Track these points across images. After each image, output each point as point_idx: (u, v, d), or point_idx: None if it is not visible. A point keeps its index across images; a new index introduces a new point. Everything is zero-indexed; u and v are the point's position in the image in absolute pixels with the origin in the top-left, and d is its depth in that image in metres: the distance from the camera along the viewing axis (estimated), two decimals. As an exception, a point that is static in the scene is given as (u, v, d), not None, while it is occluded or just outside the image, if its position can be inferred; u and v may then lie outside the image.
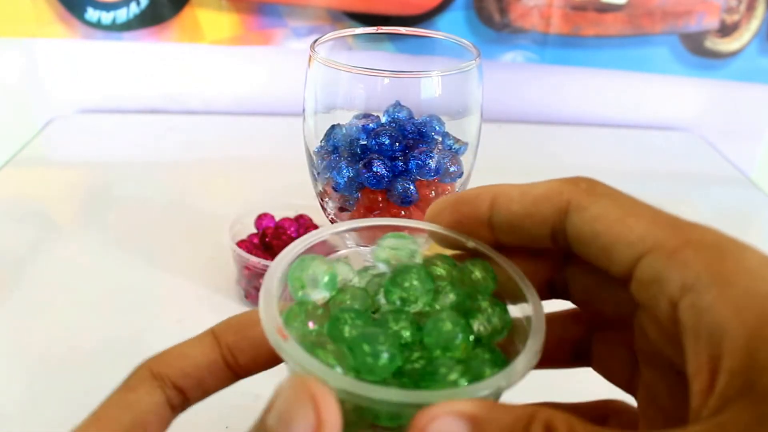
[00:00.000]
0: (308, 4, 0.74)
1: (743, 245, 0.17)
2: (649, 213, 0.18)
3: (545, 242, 0.20)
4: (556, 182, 0.20)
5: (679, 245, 0.17)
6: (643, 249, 0.17)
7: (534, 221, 0.20)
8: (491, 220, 0.21)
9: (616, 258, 0.18)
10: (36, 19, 0.72)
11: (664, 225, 0.17)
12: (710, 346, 0.15)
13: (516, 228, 0.20)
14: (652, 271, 0.17)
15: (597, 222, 0.18)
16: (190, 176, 0.69)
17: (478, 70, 0.37)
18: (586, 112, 0.86)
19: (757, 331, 0.15)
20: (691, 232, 0.17)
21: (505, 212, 0.20)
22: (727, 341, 0.15)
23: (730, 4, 0.77)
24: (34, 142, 0.74)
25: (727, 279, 0.16)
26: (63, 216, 0.62)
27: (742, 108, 0.86)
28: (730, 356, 0.15)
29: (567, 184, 0.19)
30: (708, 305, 0.15)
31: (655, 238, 0.17)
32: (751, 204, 0.72)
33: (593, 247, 0.18)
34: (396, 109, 0.38)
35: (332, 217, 0.39)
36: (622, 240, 0.18)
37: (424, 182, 0.36)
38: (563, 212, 0.19)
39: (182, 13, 0.74)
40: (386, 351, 0.17)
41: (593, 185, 0.19)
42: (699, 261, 0.16)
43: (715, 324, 0.15)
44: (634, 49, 0.78)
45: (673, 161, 0.80)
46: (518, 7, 0.75)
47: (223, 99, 0.82)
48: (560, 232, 0.19)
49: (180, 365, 0.20)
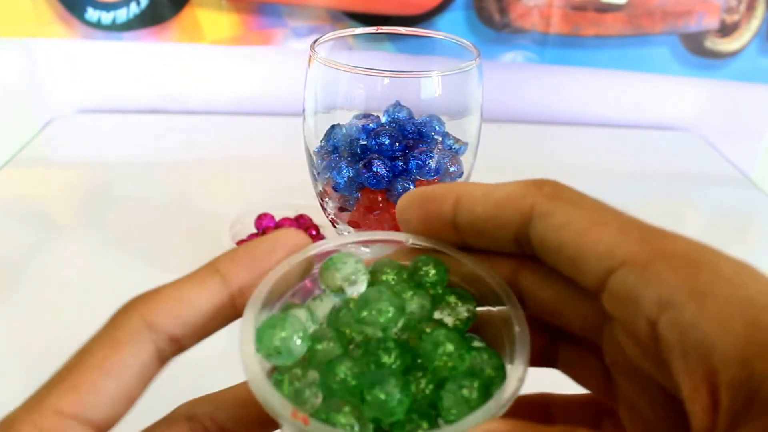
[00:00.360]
0: (308, 4, 0.74)
1: (716, 253, 0.16)
2: (616, 221, 0.17)
3: (510, 246, 0.19)
4: (519, 185, 0.19)
5: (651, 258, 0.16)
6: (613, 263, 0.16)
7: (496, 225, 0.19)
8: (455, 221, 0.20)
9: (584, 270, 0.17)
10: (36, 19, 0.72)
11: (633, 235, 0.17)
12: (702, 362, 0.15)
13: (479, 230, 0.19)
14: (625, 287, 0.16)
15: (562, 231, 0.17)
16: (190, 176, 0.69)
17: (478, 70, 0.37)
18: (586, 112, 0.86)
19: (747, 338, 0.14)
20: (661, 243, 0.16)
21: (468, 214, 0.19)
22: (718, 355, 0.14)
23: (730, 4, 0.77)
24: (34, 142, 0.74)
25: (705, 291, 0.15)
26: (63, 216, 0.62)
27: (742, 108, 0.86)
28: (726, 369, 0.14)
29: (530, 187, 0.18)
30: (691, 320, 0.15)
31: (626, 251, 0.16)
32: (751, 204, 0.72)
33: (560, 257, 0.18)
34: (396, 109, 0.38)
35: (332, 217, 0.39)
36: (589, 252, 0.17)
37: (424, 182, 0.36)
38: (527, 217, 0.18)
39: (182, 13, 0.74)
40: (395, 389, 0.17)
41: (557, 189, 0.18)
42: (673, 274, 0.15)
43: (702, 339, 0.15)
44: (634, 49, 0.78)
45: (673, 161, 0.80)
46: (518, 7, 0.75)
47: (223, 99, 0.82)
48: (524, 238, 0.19)
49: (180, 313, 0.18)
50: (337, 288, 0.20)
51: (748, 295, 0.15)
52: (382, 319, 0.19)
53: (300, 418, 0.16)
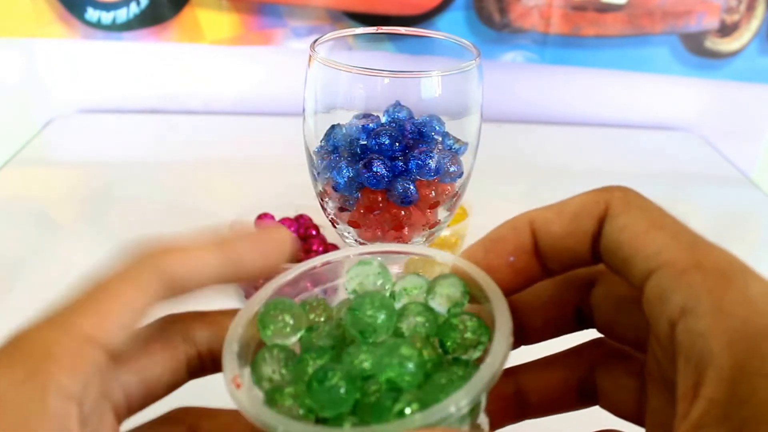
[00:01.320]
0: (308, 4, 0.74)
1: (751, 273, 0.17)
2: (672, 228, 0.18)
3: (587, 258, 0.20)
4: (591, 193, 0.20)
5: (689, 265, 0.17)
6: (655, 263, 0.17)
7: (576, 238, 0.19)
8: (537, 248, 0.20)
9: (632, 270, 0.18)
10: (36, 19, 0.72)
11: (682, 242, 0.17)
12: (697, 372, 0.15)
13: (560, 250, 0.20)
14: (660, 288, 0.17)
15: (623, 232, 0.18)
16: (190, 176, 0.69)
17: (478, 70, 0.37)
18: (586, 112, 0.86)
19: (742, 365, 0.15)
20: (705, 254, 0.17)
21: (546, 235, 0.20)
22: (712, 370, 0.15)
23: (730, 4, 0.77)
24: (34, 142, 0.74)
25: (726, 307, 0.16)
26: (63, 216, 0.62)
27: (742, 108, 0.86)
28: (712, 385, 0.15)
29: (603, 193, 0.19)
30: (703, 331, 0.15)
31: (669, 255, 0.17)
32: (751, 204, 0.72)
33: (616, 257, 0.18)
34: (396, 109, 0.38)
35: (332, 217, 0.39)
36: (641, 252, 0.18)
37: (424, 182, 0.36)
38: (601, 221, 0.19)
39: (182, 13, 0.74)
40: (339, 386, 0.17)
41: (627, 193, 0.19)
42: (703, 284, 0.16)
43: (705, 351, 0.15)
44: (634, 49, 0.78)
45: (673, 161, 0.80)
46: (518, 7, 0.75)
47: (223, 99, 0.82)
48: (598, 244, 0.19)
49: (190, 269, 0.19)
50: (354, 289, 0.21)
51: (764, 322, 0.15)
52: (362, 324, 0.19)
53: (234, 383, 0.18)
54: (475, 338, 0.19)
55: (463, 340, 0.19)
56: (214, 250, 0.20)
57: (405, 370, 0.18)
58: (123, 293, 0.18)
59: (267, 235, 0.21)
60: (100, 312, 0.17)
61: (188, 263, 0.19)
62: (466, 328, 0.20)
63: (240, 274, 0.20)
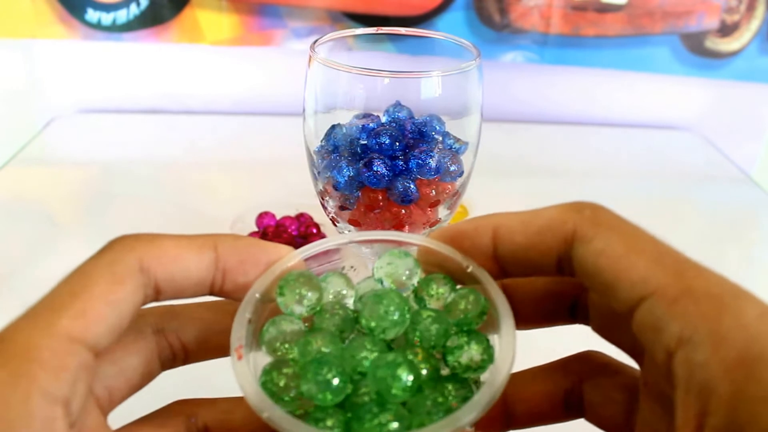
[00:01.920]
0: (308, 5, 0.74)
1: (744, 295, 0.16)
2: (653, 250, 0.18)
3: (552, 272, 0.20)
4: (558, 210, 0.19)
5: (680, 293, 0.16)
6: (644, 292, 0.17)
7: (539, 252, 0.19)
8: (495, 253, 0.20)
9: (618, 296, 0.18)
10: (36, 20, 0.72)
11: (667, 266, 0.17)
12: (699, 402, 0.15)
13: (521, 260, 0.20)
14: (652, 317, 0.17)
15: (601, 256, 0.18)
16: (190, 176, 0.69)
17: (478, 70, 0.37)
18: (587, 112, 0.86)
19: (740, 391, 0.15)
20: (694, 278, 0.17)
21: (509, 244, 0.20)
22: (714, 399, 0.15)
23: (730, 4, 0.77)
24: (34, 142, 0.74)
25: (722, 336, 0.15)
26: (63, 216, 0.62)
27: (742, 107, 0.86)
28: (715, 415, 0.15)
29: (570, 211, 0.19)
30: (701, 362, 0.15)
31: (657, 282, 0.17)
32: (752, 203, 0.72)
33: (597, 281, 0.18)
34: (396, 109, 0.38)
35: (333, 216, 0.39)
36: (624, 279, 0.17)
37: (425, 181, 0.36)
38: (568, 243, 0.19)
39: (182, 14, 0.74)
40: (332, 379, 0.17)
41: (597, 213, 0.19)
42: (698, 313, 0.16)
43: (706, 381, 0.15)
44: (635, 49, 0.78)
45: (674, 161, 0.80)
46: (518, 7, 0.75)
47: (223, 99, 0.82)
48: (566, 262, 0.19)
49: (172, 269, 0.19)
50: (381, 277, 0.21)
51: (761, 348, 0.15)
52: (374, 320, 0.19)
53: (237, 353, 0.18)
54: (478, 363, 0.19)
55: (468, 362, 0.19)
56: (203, 254, 0.19)
57: (397, 388, 0.18)
58: (107, 291, 0.17)
59: (262, 248, 0.20)
60: (83, 311, 0.17)
61: (172, 263, 0.19)
62: (472, 351, 0.19)
63: (227, 283, 0.20)
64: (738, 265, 0.60)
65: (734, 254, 0.61)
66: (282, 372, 0.18)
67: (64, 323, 0.17)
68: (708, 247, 0.61)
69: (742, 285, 0.17)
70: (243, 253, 0.20)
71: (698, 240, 0.62)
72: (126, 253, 0.18)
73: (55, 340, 0.16)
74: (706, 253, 0.22)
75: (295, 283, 0.20)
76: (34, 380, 0.15)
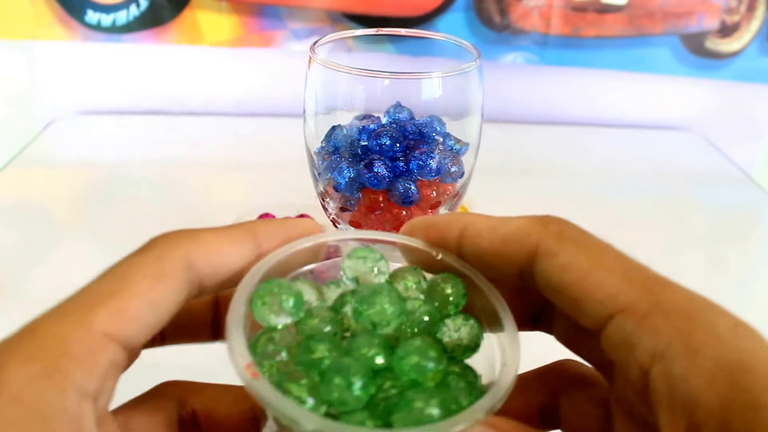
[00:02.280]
0: (308, 6, 0.74)
1: (714, 308, 0.16)
2: (619, 265, 0.17)
3: (513, 280, 0.20)
4: (526, 222, 0.19)
5: (650, 309, 0.16)
6: (612, 309, 0.17)
7: (502, 260, 0.19)
8: (460, 251, 0.20)
9: (585, 312, 0.17)
10: (36, 22, 0.72)
11: (635, 282, 0.17)
12: (686, 416, 0.15)
13: (484, 262, 0.20)
14: (623, 334, 0.17)
15: (565, 272, 0.18)
16: (191, 177, 0.69)
17: (479, 71, 0.37)
18: (587, 113, 0.86)
19: (728, 401, 0.15)
20: (662, 294, 0.17)
21: (473, 247, 0.20)
22: (701, 411, 0.15)
23: (731, 5, 0.77)
24: (34, 143, 0.74)
25: (697, 348, 0.15)
26: (63, 217, 0.62)
27: (742, 108, 0.86)
28: (707, 427, 0.15)
29: (537, 225, 0.19)
30: (680, 375, 0.15)
31: (626, 299, 0.17)
32: (753, 203, 0.72)
33: (562, 297, 0.18)
34: (397, 110, 0.38)
35: (333, 217, 0.39)
36: (590, 296, 0.17)
37: (425, 182, 0.36)
38: (531, 255, 0.18)
39: (182, 15, 0.74)
40: (358, 381, 0.17)
41: (563, 229, 0.19)
42: (669, 328, 0.16)
43: (688, 394, 0.15)
44: (635, 49, 0.78)
45: (674, 161, 0.80)
46: (518, 8, 0.75)
47: (224, 100, 0.82)
48: (528, 275, 0.19)
49: (217, 262, 0.18)
50: (355, 277, 0.21)
51: (737, 357, 0.15)
52: (376, 314, 0.19)
53: (250, 372, 0.16)
54: (475, 339, 0.20)
55: (468, 338, 0.19)
56: (244, 243, 0.19)
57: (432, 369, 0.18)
58: (145, 288, 0.17)
59: (296, 227, 0.20)
60: (122, 309, 0.17)
61: (216, 256, 0.18)
62: (468, 327, 0.20)
63: None
64: (738, 265, 0.59)
65: (734, 255, 0.61)
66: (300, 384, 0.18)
67: (100, 319, 0.16)
68: (708, 247, 0.61)
69: (711, 299, 0.17)
70: (281, 235, 0.20)
71: (698, 241, 0.62)
72: (172, 249, 0.18)
73: (89, 335, 0.16)
74: (707, 253, 0.22)
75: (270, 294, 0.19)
76: (68, 375, 0.15)
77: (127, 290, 0.17)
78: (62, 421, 0.15)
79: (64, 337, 0.16)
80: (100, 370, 0.16)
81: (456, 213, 0.21)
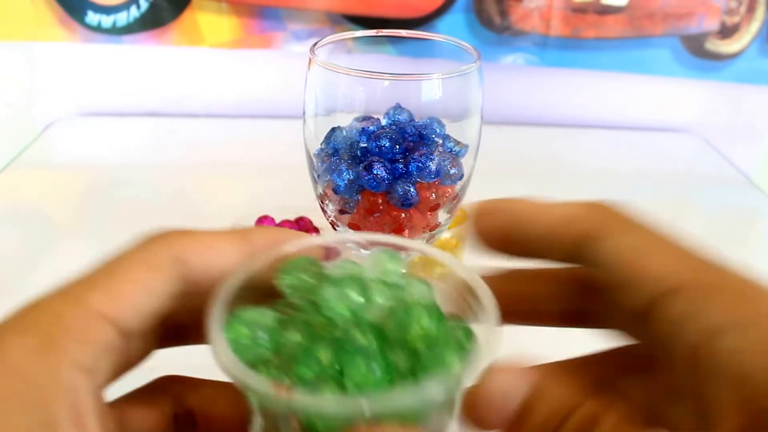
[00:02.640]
0: (308, 7, 0.74)
1: (762, 290, 0.17)
2: (673, 247, 0.18)
3: (557, 262, 0.20)
4: (578, 206, 0.20)
5: (703, 287, 0.17)
6: (667, 287, 0.17)
7: (552, 243, 0.20)
8: (508, 233, 0.20)
9: (636, 292, 0.18)
10: (36, 23, 0.72)
11: (689, 262, 0.18)
12: (740, 389, 0.15)
13: (533, 246, 0.20)
14: (675, 310, 0.17)
15: (624, 252, 0.18)
16: (190, 179, 0.69)
17: (479, 72, 0.37)
18: (587, 114, 0.86)
19: None
20: (715, 272, 0.17)
21: (524, 232, 0.20)
22: (754, 384, 0.15)
23: (731, 6, 0.77)
24: (34, 145, 0.74)
25: (749, 323, 0.16)
26: (63, 219, 0.62)
27: (742, 109, 0.85)
28: (760, 399, 0.15)
29: (589, 209, 0.19)
30: (733, 349, 0.16)
31: (680, 278, 0.17)
32: (752, 205, 0.72)
33: (612, 277, 0.18)
34: (396, 112, 0.38)
35: (332, 220, 0.39)
36: (647, 275, 0.18)
37: (425, 184, 0.36)
38: (583, 238, 0.19)
39: (182, 17, 0.74)
40: (377, 363, 0.18)
41: (617, 211, 0.19)
42: (722, 304, 0.16)
43: (741, 367, 0.15)
44: (635, 51, 0.78)
45: (674, 163, 0.80)
46: (518, 9, 0.75)
47: (224, 102, 0.82)
48: (577, 256, 0.19)
49: (209, 257, 0.19)
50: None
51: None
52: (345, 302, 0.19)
53: (284, 391, 0.17)
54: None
55: None
56: (236, 243, 0.20)
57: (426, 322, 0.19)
58: (138, 275, 0.18)
59: (288, 232, 0.21)
60: (117, 291, 0.17)
61: (207, 252, 0.19)
62: None
63: None
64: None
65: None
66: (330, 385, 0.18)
67: (95, 298, 0.17)
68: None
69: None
70: (274, 238, 0.20)
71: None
72: (165, 244, 0.19)
73: (84, 312, 0.17)
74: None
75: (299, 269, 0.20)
76: (63, 348, 0.16)
77: (121, 275, 0.18)
78: (58, 391, 0.16)
79: (60, 314, 0.17)
80: (94, 347, 0.17)
81: (508, 199, 0.21)
